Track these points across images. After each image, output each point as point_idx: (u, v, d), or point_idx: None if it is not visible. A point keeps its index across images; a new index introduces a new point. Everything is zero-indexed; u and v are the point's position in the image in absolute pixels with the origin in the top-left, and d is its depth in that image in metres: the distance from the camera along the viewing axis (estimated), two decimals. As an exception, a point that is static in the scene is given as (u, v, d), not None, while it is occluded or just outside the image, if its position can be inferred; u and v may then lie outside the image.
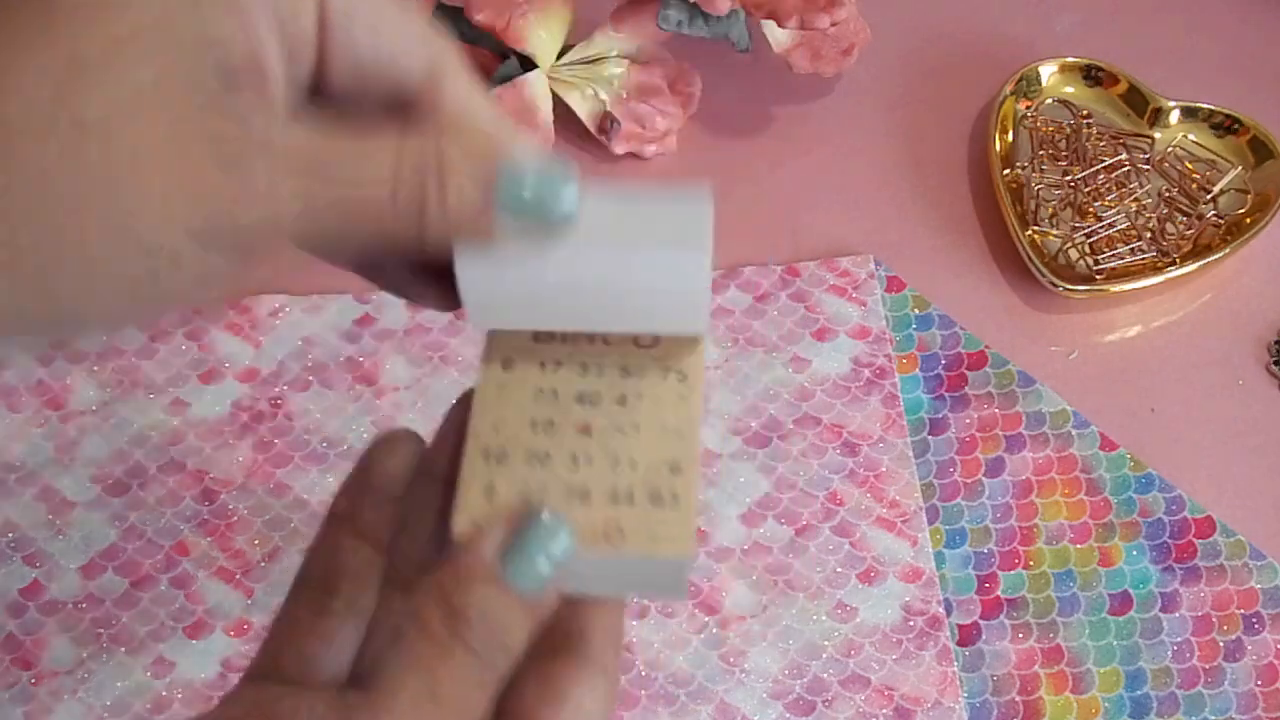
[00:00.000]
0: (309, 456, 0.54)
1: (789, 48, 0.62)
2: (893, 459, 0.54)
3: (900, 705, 0.49)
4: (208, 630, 0.50)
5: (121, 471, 0.53)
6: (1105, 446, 0.54)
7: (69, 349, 0.56)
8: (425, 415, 0.55)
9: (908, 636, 0.50)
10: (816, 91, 0.66)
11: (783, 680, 0.49)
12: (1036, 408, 0.55)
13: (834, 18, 0.57)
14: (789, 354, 0.57)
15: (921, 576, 0.51)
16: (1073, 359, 0.57)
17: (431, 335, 0.57)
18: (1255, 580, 0.51)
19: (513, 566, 0.28)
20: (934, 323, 0.58)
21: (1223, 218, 0.60)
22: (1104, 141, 0.62)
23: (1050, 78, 0.64)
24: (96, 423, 0.54)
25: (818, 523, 0.52)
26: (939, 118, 0.65)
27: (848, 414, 0.55)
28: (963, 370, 0.56)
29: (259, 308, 0.57)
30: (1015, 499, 0.53)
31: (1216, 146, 0.62)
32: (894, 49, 0.67)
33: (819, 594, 0.51)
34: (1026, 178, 0.61)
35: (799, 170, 0.63)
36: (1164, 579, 0.51)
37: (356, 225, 0.27)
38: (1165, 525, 0.53)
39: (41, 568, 0.51)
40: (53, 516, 0.52)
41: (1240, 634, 0.50)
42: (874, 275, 0.59)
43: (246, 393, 0.55)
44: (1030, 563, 0.52)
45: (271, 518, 0.52)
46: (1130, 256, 0.59)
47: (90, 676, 0.49)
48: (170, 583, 0.51)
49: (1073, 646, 0.50)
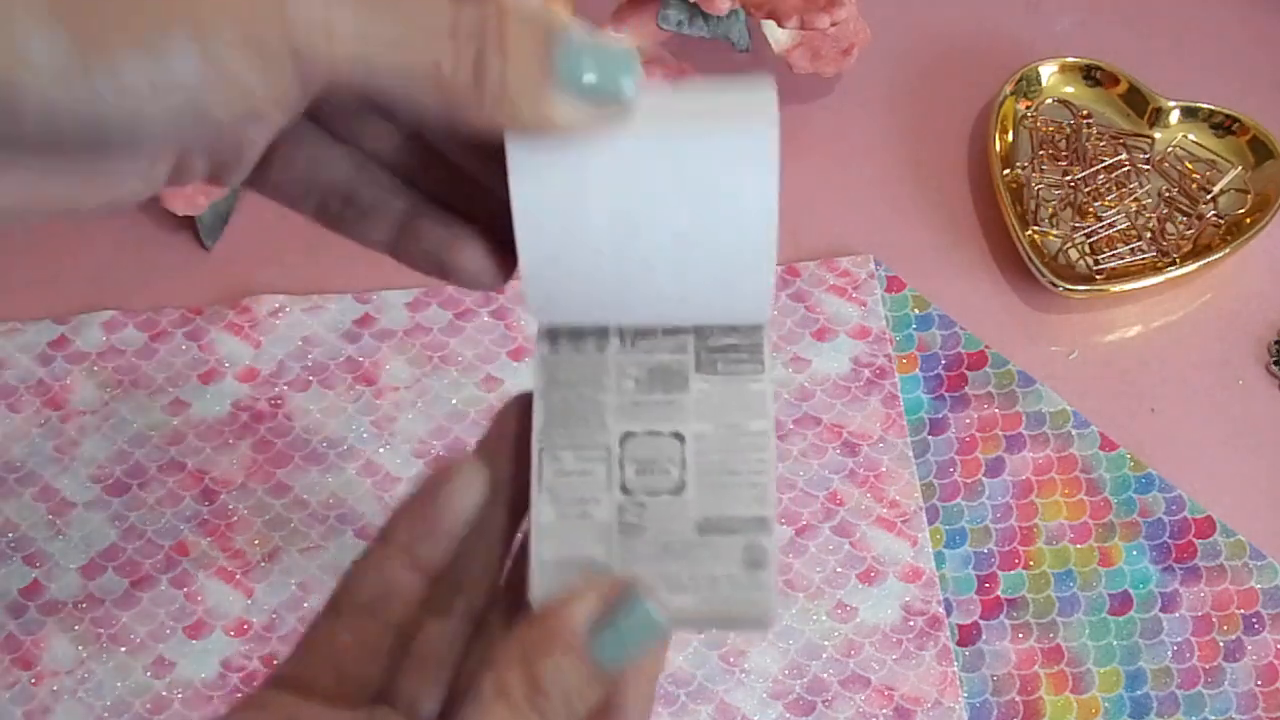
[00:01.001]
0: (309, 456, 0.54)
1: (789, 48, 0.62)
2: (893, 459, 0.54)
3: (900, 705, 0.49)
4: (208, 630, 0.50)
5: (121, 471, 0.53)
6: (1105, 446, 0.54)
7: (69, 349, 0.56)
8: (425, 415, 0.55)
9: (908, 636, 0.50)
10: (816, 91, 0.66)
11: (783, 680, 0.49)
12: (1036, 408, 0.55)
13: (834, 18, 0.57)
14: (789, 354, 0.57)
15: (921, 576, 0.51)
16: (1073, 359, 0.57)
17: (431, 335, 0.57)
18: (1255, 580, 0.51)
19: (602, 644, 0.28)
20: (934, 323, 0.58)
21: (1223, 218, 0.60)
22: (1104, 141, 0.62)
23: (1050, 78, 0.64)
24: (96, 423, 0.54)
25: (818, 523, 0.52)
26: (939, 118, 0.65)
27: (848, 414, 0.55)
28: (963, 370, 0.56)
29: (259, 308, 0.57)
30: (1015, 499, 0.53)
31: (1216, 146, 0.62)
32: (894, 49, 0.67)
33: (819, 594, 0.51)
34: (1026, 178, 0.61)
35: (799, 170, 0.63)
36: (1164, 579, 0.51)
37: (412, 72, 0.26)
38: (1165, 525, 0.53)
39: (41, 568, 0.51)
40: (53, 516, 0.52)
41: (1240, 634, 0.50)
42: (874, 275, 0.59)
43: (246, 393, 0.55)
44: (1030, 563, 0.52)
45: (271, 518, 0.52)
46: (1130, 256, 0.59)
47: (90, 676, 0.49)
48: (170, 583, 0.51)
49: (1073, 646, 0.50)
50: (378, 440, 0.54)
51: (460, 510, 0.31)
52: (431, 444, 0.54)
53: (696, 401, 0.31)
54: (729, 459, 0.31)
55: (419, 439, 0.54)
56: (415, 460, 0.54)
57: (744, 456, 0.31)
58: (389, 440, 0.54)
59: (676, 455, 0.31)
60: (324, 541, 0.52)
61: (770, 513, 0.30)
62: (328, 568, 0.51)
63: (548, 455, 0.31)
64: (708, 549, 0.30)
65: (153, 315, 0.57)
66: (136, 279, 0.59)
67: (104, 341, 0.56)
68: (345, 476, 0.53)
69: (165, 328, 0.57)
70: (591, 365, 0.31)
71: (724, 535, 0.30)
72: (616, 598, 0.29)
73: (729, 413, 0.31)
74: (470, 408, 0.55)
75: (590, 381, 0.31)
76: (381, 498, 0.53)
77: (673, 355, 0.31)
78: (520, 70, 0.27)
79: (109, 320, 0.57)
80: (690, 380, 0.31)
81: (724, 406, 0.31)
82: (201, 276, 0.59)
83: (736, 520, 0.30)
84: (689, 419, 0.31)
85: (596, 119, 0.28)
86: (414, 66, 0.26)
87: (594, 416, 0.31)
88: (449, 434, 0.54)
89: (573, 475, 0.31)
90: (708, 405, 0.31)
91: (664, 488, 0.30)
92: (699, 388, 0.31)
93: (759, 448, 0.31)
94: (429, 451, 0.54)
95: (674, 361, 0.31)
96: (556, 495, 0.30)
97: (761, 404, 0.31)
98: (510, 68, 0.27)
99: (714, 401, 0.31)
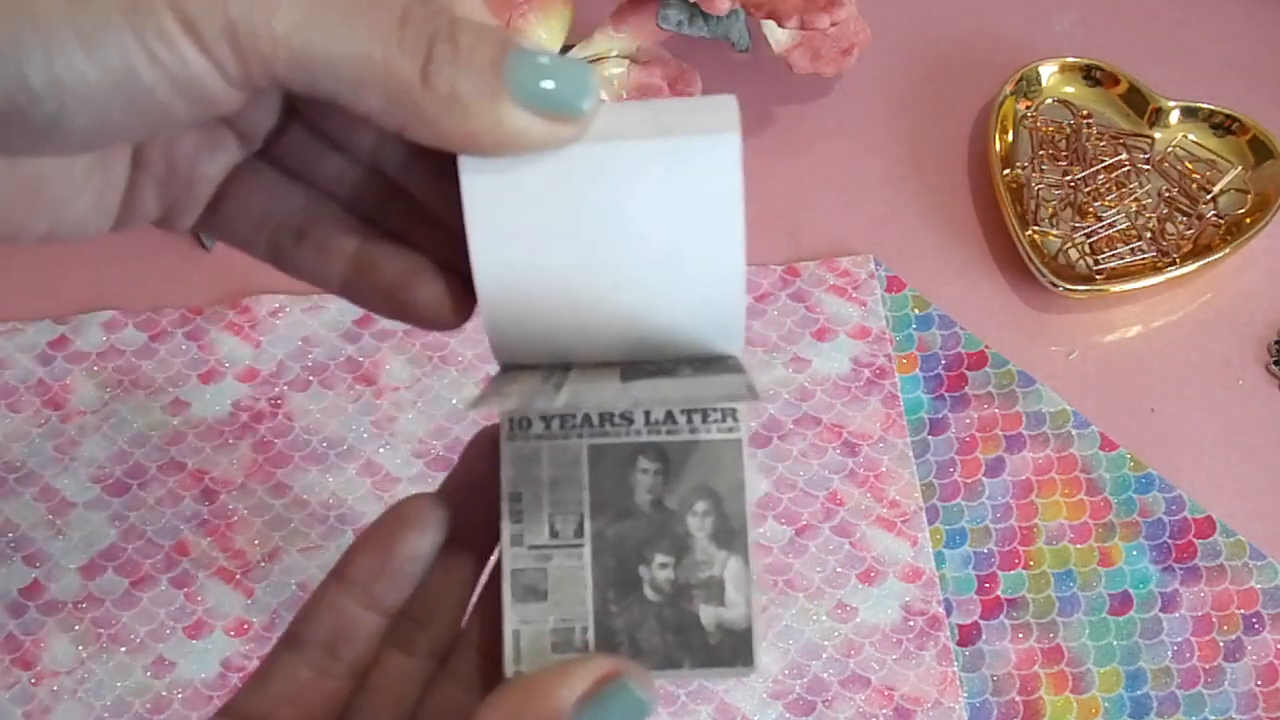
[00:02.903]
0: (309, 456, 0.54)
1: (789, 48, 0.62)
2: (893, 459, 0.54)
3: (900, 705, 0.49)
4: (208, 630, 0.50)
5: (121, 471, 0.53)
6: (1105, 446, 0.54)
7: (67, 349, 0.56)
8: (425, 415, 0.55)
9: (908, 636, 0.50)
10: (816, 91, 0.66)
11: (783, 680, 0.49)
12: (1036, 408, 0.55)
13: (834, 18, 0.57)
14: (789, 354, 0.57)
15: (921, 576, 0.51)
16: (1073, 359, 0.57)
17: (431, 335, 0.57)
18: (1255, 580, 0.51)
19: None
20: (934, 323, 0.58)
21: (1223, 218, 0.60)
22: (1104, 141, 0.62)
23: (1050, 78, 0.64)
24: (96, 423, 0.54)
25: (818, 523, 0.52)
26: (939, 118, 0.65)
27: (848, 414, 0.55)
28: (963, 370, 0.56)
29: (259, 308, 0.57)
30: (1015, 499, 0.53)
31: (1216, 146, 0.62)
32: (894, 49, 0.67)
33: (819, 594, 0.51)
34: (1026, 178, 0.61)
35: (799, 170, 0.63)
36: (1164, 579, 0.51)
37: (358, 66, 0.25)
38: (1165, 525, 0.53)
39: (41, 568, 0.51)
40: (53, 516, 0.52)
41: (1240, 634, 0.50)
42: (874, 275, 0.59)
43: (246, 393, 0.55)
44: (1030, 563, 0.52)
45: (271, 518, 0.52)
46: (1130, 256, 0.59)
47: (90, 676, 0.49)
48: (170, 583, 0.51)
49: (1073, 646, 0.50)
50: (377, 440, 0.54)
51: (416, 553, 0.31)
52: (431, 444, 0.54)
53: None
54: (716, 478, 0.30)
55: (419, 439, 0.54)
56: (415, 460, 0.54)
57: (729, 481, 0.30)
58: (389, 440, 0.54)
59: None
60: (324, 541, 0.52)
61: (743, 551, 0.30)
62: (327, 568, 0.51)
63: (515, 507, 0.30)
64: (681, 605, 0.30)
65: (153, 315, 0.57)
66: (136, 279, 0.59)
67: (104, 341, 0.56)
68: (345, 476, 0.53)
69: (165, 328, 0.57)
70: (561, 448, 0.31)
71: (695, 590, 0.30)
72: (606, 683, 0.28)
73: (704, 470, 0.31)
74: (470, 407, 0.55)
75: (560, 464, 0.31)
76: (381, 497, 0.53)
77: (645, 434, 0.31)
78: (473, 74, 0.25)
79: (109, 320, 0.57)
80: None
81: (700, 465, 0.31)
82: (201, 276, 0.59)
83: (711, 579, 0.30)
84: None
85: (551, 134, 0.26)
86: (360, 60, 0.25)
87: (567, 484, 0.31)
88: (449, 434, 0.54)
89: (538, 531, 0.30)
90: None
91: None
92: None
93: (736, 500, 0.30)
94: (429, 451, 0.54)
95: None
96: (520, 571, 0.30)
97: (736, 456, 0.30)
98: (462, 71, 0.25)
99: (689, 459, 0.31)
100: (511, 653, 0.30)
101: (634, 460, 0.30)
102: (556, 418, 0.31)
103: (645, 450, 0.30)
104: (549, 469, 0.30)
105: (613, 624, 0.30)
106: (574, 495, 0.30)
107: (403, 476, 0.53)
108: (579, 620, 0.30)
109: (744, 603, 0.30)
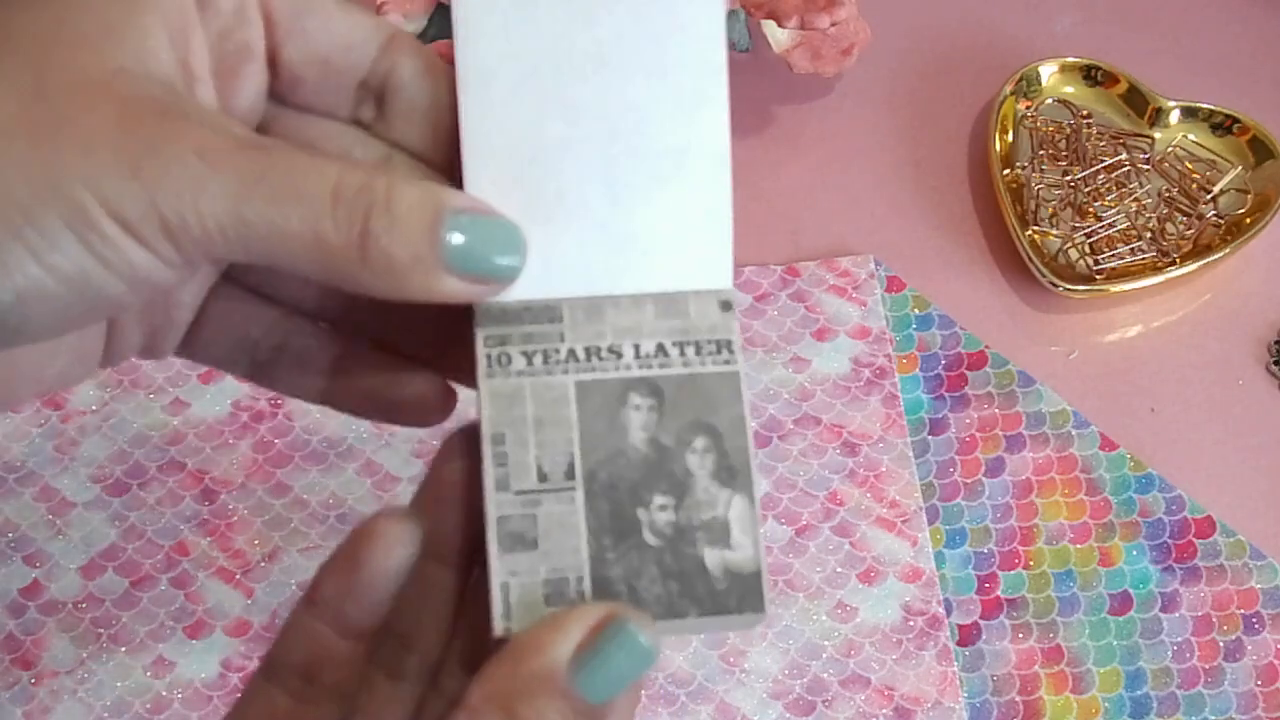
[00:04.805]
0: (309, 456, 0.54)
1: (789, 48, 0.62)
2: (893, 459, 0.54)
3: (900, 705, 0.49)
4: (208, 630, 0.50)
5: (121, 471, 0.53)
6: (1105, 446, 0.54)
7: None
8: (425, 415, 0.55)
9: (908, 636, 0.50)
10: (816, 91, 0.66)
11: (783, 680, 0.49)
12: (1036, 408, 0.55)
13: (834, 18, 0.57)
14: (789, 354, 0.57)
15: (921, 576, 0.51)
16: (1073, 359, 0.57)
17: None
18: (1255, 580, 0.51)
19: (589, 680, 0.26)
20: (934, 323, 0.58)
21: (1223, 218, 0.60)
22: (1104, 141, 0.62)
23: (1050, 78, 0.64)
24: (96, 423, 0.54)
25: (818, 523, 0.53)
26: (939, 118, 0.65)
27: (848, 414, 0.55)
28: (963, 370, 0.56)
29: (259, 308, 0.57)
30: (1015, 499, 0.53)
31: (1216, 146, 0.62)
32: (894, 49, 0.67)
33: (819, 594, 0.51)
34: (1026, 178, 0.61)
35: (799, 170, 0.63)
36: (1164, 579, 0.51)
37: (292, 242, 0.26)
38: (1165, 525, 0.53)
39: (41, 568, 0.51)
40: (53, 516, 0.52)
41: (1240, 634, 0.50)
42: (874, 275, 0.59)
43: (246, 393, 0.55)
44: (1030, 563, 0.52)
45: (271, 518, 0.52)
46: (1130, 256, 0.59)
47: (90, 676, 0.49)
48: (170, 583, 0.51)
49: (1073, 646, 0.50)
50: (377, 440, 0.54)
51: (385, 571, 0.29)
52: (431, 443, 0.54)
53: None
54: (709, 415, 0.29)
55: (419, 438, 0.54)
56: (415, 460, 0.54)
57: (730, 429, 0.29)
58: (389, 440, 0.54)
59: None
60: (324, 541, 0.52)
61: (748, 493, 0.29)
62: (328, 568, 0.51)
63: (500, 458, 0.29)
64: (678, 550, 0.28)
65: (153, 315, 0.57)
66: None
67: (104, 341, 0.56)
68: (345, 476, 0.53)
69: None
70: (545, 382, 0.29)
71: (694, 533, 0.29)
72: (603, 629, 0.26)
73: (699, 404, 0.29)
74: (470, 406, 0.55)
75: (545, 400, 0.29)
76: (381, 497, 0.53)
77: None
78: (409, 244, 0.26)
79: (109, 320, 0.57)
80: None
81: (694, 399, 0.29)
82: (201, 276, 0.59)
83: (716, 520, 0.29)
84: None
85: (480, 294, 0.28)
86: (293, 238, 0.26)
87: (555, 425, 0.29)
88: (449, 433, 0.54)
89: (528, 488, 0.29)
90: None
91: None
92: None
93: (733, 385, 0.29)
94: (429, 451, 0.54)
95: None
96: (508, 525, 0.28)
97: (735, 390, 0.29)
98: (396, 244, 0.26)
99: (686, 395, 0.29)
100: (500, 608, 0.28)
101: (625, 396, 0.29)
102: (539, 352, 0.29)
103: (636, 385, 0.29)
104: (533, 408, 0.29)
105: (609, 572, 0.28)
106: (562, 435, 0.28)
107: (403, 476, 0.53)
108: (573, 570, 0.28)
109: (751, 544, 0.28)
